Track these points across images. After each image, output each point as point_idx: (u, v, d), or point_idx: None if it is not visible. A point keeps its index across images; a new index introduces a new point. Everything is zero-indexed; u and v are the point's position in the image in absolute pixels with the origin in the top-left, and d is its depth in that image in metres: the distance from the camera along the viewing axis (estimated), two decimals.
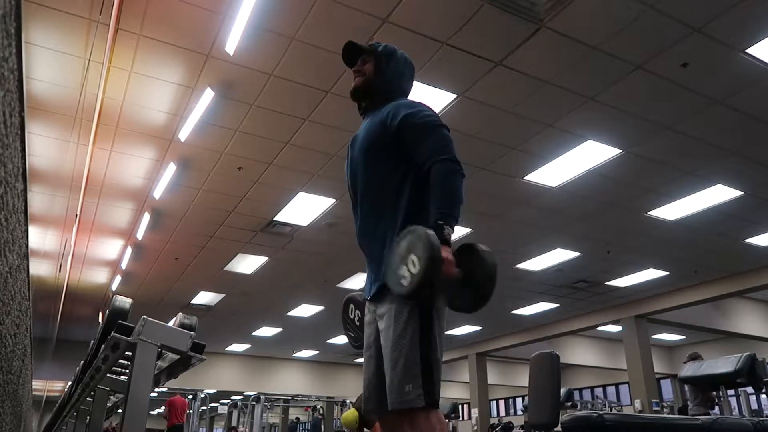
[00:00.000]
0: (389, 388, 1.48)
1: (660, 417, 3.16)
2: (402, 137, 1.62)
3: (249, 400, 10.50)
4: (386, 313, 1.55)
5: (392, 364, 1.48)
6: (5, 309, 1.66)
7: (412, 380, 1.43)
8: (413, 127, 1.61)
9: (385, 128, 1.66)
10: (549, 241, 7.90)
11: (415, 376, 1.44)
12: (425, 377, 1.44)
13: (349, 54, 1.84)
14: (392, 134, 1.63)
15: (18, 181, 1.43)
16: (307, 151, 5.54)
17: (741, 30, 3.99)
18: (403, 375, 1.45)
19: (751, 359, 4.20)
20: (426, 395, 1.43)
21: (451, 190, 1.50)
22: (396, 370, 1.46)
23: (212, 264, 8.83)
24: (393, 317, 1.52)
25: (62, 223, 7.42)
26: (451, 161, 1.54)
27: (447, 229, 1.45)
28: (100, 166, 5.76)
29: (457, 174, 1.53)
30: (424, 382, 1.44)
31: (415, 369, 1.44)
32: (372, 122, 1.73)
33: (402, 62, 1.84)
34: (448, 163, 1.53)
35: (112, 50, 4.00)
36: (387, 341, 1.52)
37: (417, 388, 1.43)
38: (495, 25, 3.93)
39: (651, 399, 10.03)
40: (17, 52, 1.06)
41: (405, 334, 1.48)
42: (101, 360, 2.20)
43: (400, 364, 1.46)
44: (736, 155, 5.63)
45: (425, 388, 1.43)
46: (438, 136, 1.59)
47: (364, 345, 1.70)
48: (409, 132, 1.61)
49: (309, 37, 4.03)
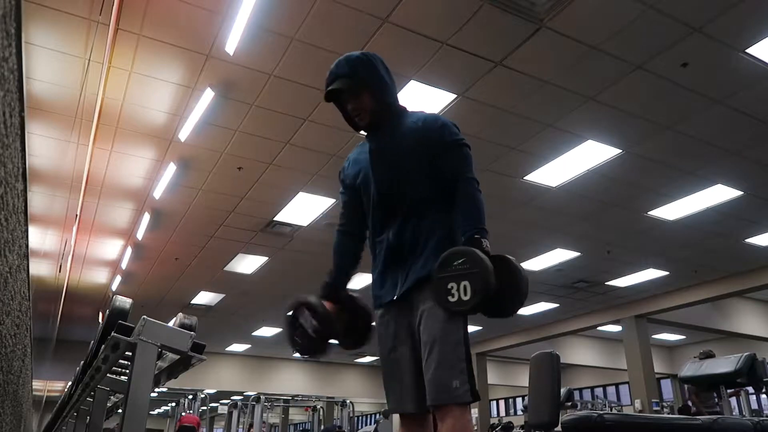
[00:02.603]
0: (434, 384, 1.50)
1: (660, 417, 3.16)
2: (438, 149, 1.69)
3: (249, 400, 10.49)
4: (429, 309, 1.57)
5: (437, 360, 1.51)
6: (5, 309, 1.66)
7: (459, 376, 1.49)
8: (450, 143, 1.70)
9: (428, 137, 1.70)
10: (549, 241, 7.90)
11: (461, 372, 1.49)
12: (470, 373, 1.51)
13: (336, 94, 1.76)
14: (433, 143, 1.69)
15: (18, 181, 1.43)
16: (307, 151, 5.54)
17: (741, 30, 3.99)
18: (451, 372, 1.49)
19: (751, 359, 4.20)
20: (471, 390, 1.49)
21: (480, 207, 1.62)
22: (443, 367, 1.50)
23: (212, 264, 8.83)
24: (439, 315, 1.54)
25: (62, 223, 7.41)
26: (476, 180, 1.66)
27: (485, 243, 1.56)
28: (100, 166, 5.76)
29: (480, 193, 1.66)
30: (470, 377, 1.51)
31: (461, 365, 1.50)
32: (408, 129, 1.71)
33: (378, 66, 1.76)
34: (473, 182, 1.65)
35: (112, 50, 3.99)
36: (431, 337, 1.54)
37: (464, 383, 1.48)
38: (495, 25, 3.93)
39: (651, 399, 10.04)
40: (17, 52, 1.06)
41: (451, 332, 1.53)
42: (101, 360, 2.20)
43: (447, 360, 1.50)
44: (736, 155, 5.63)
45: (471, 383, 1.50)
46: (466, 155, 1.70)
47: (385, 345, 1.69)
48: (447, 146, 1.69)
49: (309, 37, 4.03)
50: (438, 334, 1.53)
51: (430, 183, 1.70)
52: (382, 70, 1.76)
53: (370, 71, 1.73)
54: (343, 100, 1.77)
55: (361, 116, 1.75)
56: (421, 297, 1.60)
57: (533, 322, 12.53)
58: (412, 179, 1.71)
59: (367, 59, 1.75)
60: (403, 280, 1.66)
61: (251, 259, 8.62)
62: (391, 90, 1.78)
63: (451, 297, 1.48)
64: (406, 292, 1.63)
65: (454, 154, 1.69)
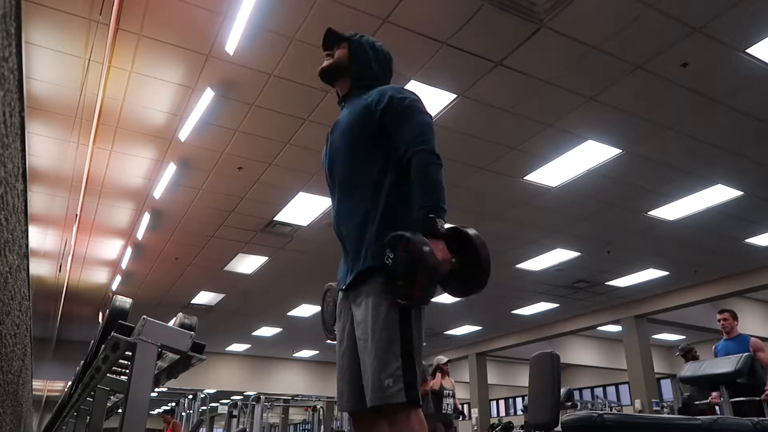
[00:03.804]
0: (367, 383, 1.41)
1: (660, 417, 3.16)
2: (384, 121, 1.61)
3: (249, 400, 10.49)
4: (363, 304, 1.50)
5: (370, 357, 1.42)
6: (5, 309, 1.66)
7: (392, 374, 1.37)
8: (396, 111, 1.60)
9: (369, 111, 1.64)
10: (549, 241, 7.90)
11: (396, 371, 1.38)
12: (406, 371, 1.38)
13: (327, 40, 1.85)
14: (377, 117, 1.62)
15: (18, 181, 1.43)
16: (307, 151, 5.54)
17: (741, 30, 3.99)
18: (381, 369, 1.38)
19: (751, 359, 4.19)
20: (407, 390, 1.37)
21: (435, 181, 1.48)
22: (374, 363, 1.40)
23: (212, 264, 8.83)
24: (371, 309, 1.46)
25: (62, 223, 7.41)
26: (430, 152, 1.52)
27: (439, 222, 1.42)
28: (100, 166, 5.76)
29: (437, 166, 1.51)
30: (405, 376, 1.38)
31: (395, 362, 1.39)
32: (355, 106, 1.71)
33: (379, 53, 1.85)
34: (427, 155, 1.51)
35: (112, 50, 4.00)
36: (364, 333, 1.46)
37: (397, 382, 1.37)
38: (495, 25, 3.93)
39: (651, 399, 10.04)
40: (17, 52, 1.06)
41: (384, 327, 1.43)
42: (101, 360, 2.20)
43: (378, 358, 1.40)
44: (736, 155, 5.63)
45: (406, 382, 1.37)
46: (418, 122, 1.57)
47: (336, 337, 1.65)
48: (392, 116, 1.60)
49: (309, 37, 4.03)
50: (370, 329, 1.44)
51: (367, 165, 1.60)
52: (378, 51, 1.85)
53: (365, 41, 1.84)
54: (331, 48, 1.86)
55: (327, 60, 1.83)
56: (362, 290, 1.52)
57: (533, 322, 12.53)
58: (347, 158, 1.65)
59: (371, 42, 1.86)
60: (345, 271, 1.61)
61: (251, 259, 8.62)
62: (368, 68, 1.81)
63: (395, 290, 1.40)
64: (350, 283, 1.57)
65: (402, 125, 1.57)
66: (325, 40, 1.86)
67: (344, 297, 1.63)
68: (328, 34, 1.85)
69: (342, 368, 1.57)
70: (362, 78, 1.79)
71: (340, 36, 1.84)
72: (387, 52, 1.88)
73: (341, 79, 1.82)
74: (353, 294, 1.57)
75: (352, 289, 1.57)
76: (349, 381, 1.53)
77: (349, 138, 1.67)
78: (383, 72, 1.85)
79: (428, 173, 1.49)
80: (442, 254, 1.39)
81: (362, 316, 1.49)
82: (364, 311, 1.49)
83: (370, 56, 1.82)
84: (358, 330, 1.50)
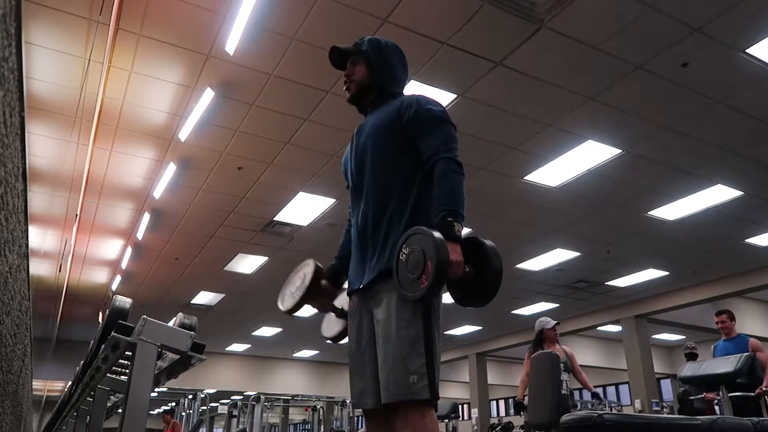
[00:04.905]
0: (388, 379, 1.44)
1: (660, 417, 3.16)
2: (412, 128, 1.64)
3: (249, 400, 10.49)
4: (385, 302, 1.52)
5: (394, 355, 1.45)
6: (5, 309, 1.66)
7: (417, 372, 1.41)
8: (424, 119, 1.63)
9: (400, 116, 1.66)
10: (549, 241, 7.90)
11: (420, 368, 1.42)
12: (429, 369, 1.43)
13: (337, 58, 1.83)
14: (405, 123, 1.65)
15: (18, 181, 1.43)
16: (307, 151, 5.54)
17: (741, 30, 3.99)
18: (406, 366, 1.42)
19: (751, 359, 4.19)
20: (430, 387, 1.41)
21: (455, 188, 1.52)
22: (399, 361, 1.43)
23: (212, 264, 8.83)
24: (395, 307, 1.49)
25: (62, 223, 7.41)
26: (454, 161, 1.56)
27: (457, 226, 1.46)
28: (100, 166, 5.76)
29: (459, 174, 1.55)
30: (429, 373, 1.42)
31: (420, 360, 1.43)
32: (385, 111, 1.71)
33: (391, 52, 1.81)
34: (450, 163, 1.55)
35: (112, 50, 3.99)
36: (388, 332, 1.48)
37: (422, 379, 1.41)
38: (495, 25, 3.93)
39: (651, 399, 10.04)
40: (17, 52, 1.06)
41: (408, 325, 1.46)
42: (101, 360, 2.20)
43: (403, 355, 1.43)
44: (736, 155, 5.63)
45: (430, 379, 1.42)
46: (444, 132, 1.61)
47: (352, 338, 1.66)
48: (420, 123, 1.63)
49: (309, 37, 4.03)
50: (394, 328, 1.47)
51: (396, 167, 1.64)
52: (393, 57, 1.80)
53: (376, 49, 1.78)
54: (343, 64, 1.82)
55: (349, 87, 1.79)
56: (383, 288, 1.55)
57: (533, 322, 12.48)
58: (375, 160, 1.67)
59: (379, 42, 1.80)
60: (368, 270, 1.62)
61: (251, 259, 8.62)
62: (393, 75, 1.79)
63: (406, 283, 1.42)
64: (369, 282, 1.59)
65: (429, 133, 1.61)
66: (334, 59, 1.83)
67: (360, 296, 1.65)
68: (335, 53, 1.82)
69: (362, 366, 1.59)
70: (383, 87, 1.78)
71: (349, 51, 1.80)
72: (394, 45, 1.84)
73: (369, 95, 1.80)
74: (372, 293, 1.59)
75: (371, 287, 1.59)
76: (371, 377, 1.55)
77: (379, 141, 1.68)
78: (403, 67, 1.83)
79: (449, 180, 1.53)
80: (456, 256, 1.41)
81: (384, 314, 1.52)
82: (386, 309, 1.52)
83: (390, 63, 1.79)
84: (378, 327, 1.53)
